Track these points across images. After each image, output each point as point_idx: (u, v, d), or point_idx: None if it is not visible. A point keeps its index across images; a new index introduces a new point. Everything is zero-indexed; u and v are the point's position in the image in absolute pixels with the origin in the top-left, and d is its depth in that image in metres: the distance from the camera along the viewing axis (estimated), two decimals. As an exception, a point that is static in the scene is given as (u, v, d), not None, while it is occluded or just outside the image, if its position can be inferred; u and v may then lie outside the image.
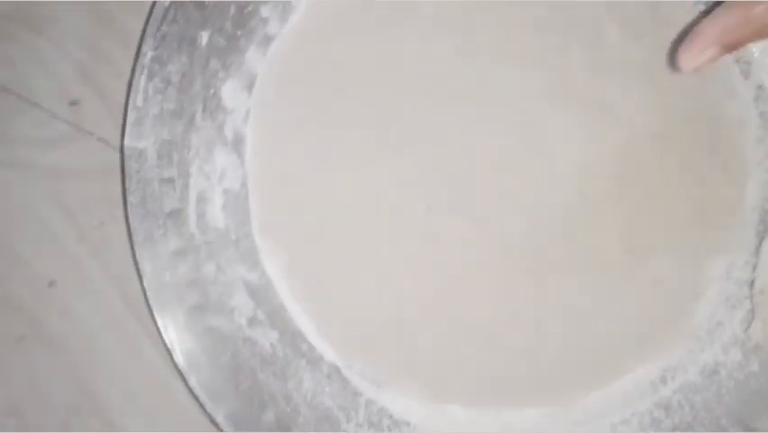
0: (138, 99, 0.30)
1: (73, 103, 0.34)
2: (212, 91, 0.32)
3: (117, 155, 0.33)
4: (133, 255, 0.31)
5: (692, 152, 0.33)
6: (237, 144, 0.33)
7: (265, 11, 0.33)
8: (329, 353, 0.32)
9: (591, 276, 0.33)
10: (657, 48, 0.33)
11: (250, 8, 0.32)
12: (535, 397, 0.33)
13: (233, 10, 0.32)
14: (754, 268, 0.32)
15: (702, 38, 0.29)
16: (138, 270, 0.30)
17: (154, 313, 0.30)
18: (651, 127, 0.33)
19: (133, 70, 0.31)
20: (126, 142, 0.31)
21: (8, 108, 0.34)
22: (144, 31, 0.30)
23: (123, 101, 0.32)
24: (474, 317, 0.32)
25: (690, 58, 0.29)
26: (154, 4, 0.30)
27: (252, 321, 0.32)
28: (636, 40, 0.33)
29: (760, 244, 0.33)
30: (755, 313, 0.32)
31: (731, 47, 0.29)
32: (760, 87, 0.34)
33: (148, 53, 0.30)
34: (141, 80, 0.30)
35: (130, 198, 0.30)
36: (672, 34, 0.33)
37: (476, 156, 0.33)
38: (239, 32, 0.32)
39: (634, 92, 0.33)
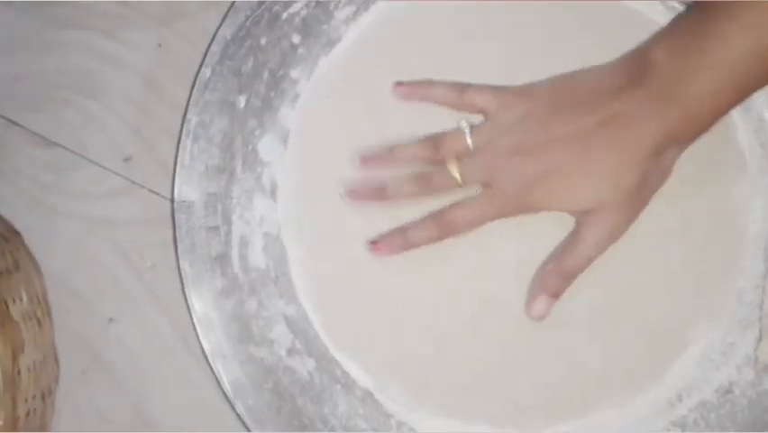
0: (185, 159, 0.34)
1: (127, 159, 0.38)
2: (250, 147, 0.36)
3: (167, 204, 0.37)
4: (184, 295, 0.34)
5: (697, 218, 0.35)
6: (274, 192, 0.36)
7: (295, 73, 0.36)
8: (362, 378, 0.35)
9: (586, 321, 0.34)
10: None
11: (281, 72, 0.36)
12: (554, 418, 0.34)
13: (266, 75, 0.35)
14: (763, 291, 0.34)
15: (533, 291, 0.33)
16: (188, 307, 0.34)
17: (203, 346, 0.33)
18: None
19: (180, 132, 0.34)
20: (176, 197, 0.34)
21: (69, 165, 0.38)
22: (189, 99, 0.34)
23: (171, 157, 0.36)
24: (498, 345, 0.35)
25: (530, 308, 0.33)
26: (198, 73, 0.34)
27: (291, 351, 0.35)
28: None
29: (767, 269, 0.34)
30: (762, 334, 0.33)
31: (555, 294, 0.33)
32: (761, 120, 0.35)
33: (192, 119, 0.34)
34: (187, 143, 0.34)
35: (180, 246, 0.34)
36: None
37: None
38: (272, 94, 0.36)
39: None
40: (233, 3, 0.35)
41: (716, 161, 0.35)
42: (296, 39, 0.36)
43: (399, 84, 0.35)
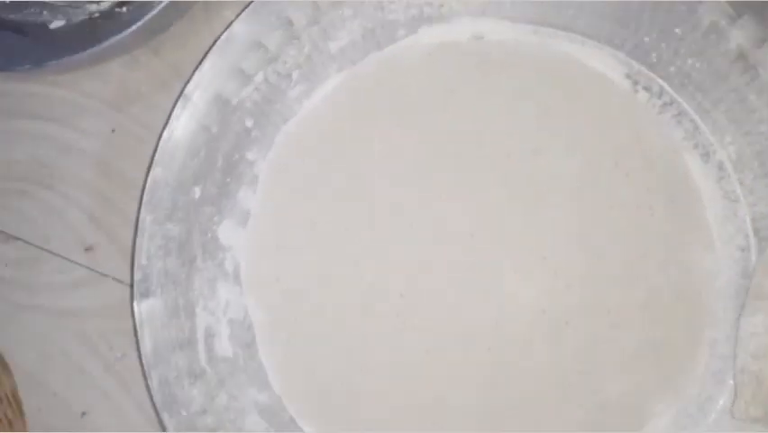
0: (142, 258, 0.33)
1: (88, 249, 0.38)
2: (209, 235, 0.35)
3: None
4: (150, 397, 0.33)
5: (661, 293, 0.34)
6: (237, 276, 0.35)
7: (251, 155, 0.36)
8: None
9: (542, 386, 0.34)
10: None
11: (236, 156, 0.35)
12: None
13: (220, 161, 0.35)
14: (736, 342, 0.34)
15: None
16: (156, 409, 0.33)
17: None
18: (622, 256, 0.35)
19: (136, 229, 0.34)
20: (135, 301, 0.33)
21: (30, 259, 0.38)
22: (141, 199, 0.33)
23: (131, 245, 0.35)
24: (461, 410, 0.34)
25: None
26: (148, 173, 0.33)
27: (266, 440, 0.34)
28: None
29: (738, 318, 0.34)
30: (737, 392, 0.33)
31: None
32: (721, 168, 0.35)
33: (146, 218, 0.33)
34: (143, 243, 0.33)
35: (143, 350, 0.33)
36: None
37: (449, 251, 0.35)
38: (228, 179, 0.35)
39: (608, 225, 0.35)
40: (184, 94, 0.34)
41: (681, 234, 0.35)
42: (249, 122, 0.36)
43: None
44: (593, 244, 0.35)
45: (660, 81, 0.35)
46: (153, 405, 0.33)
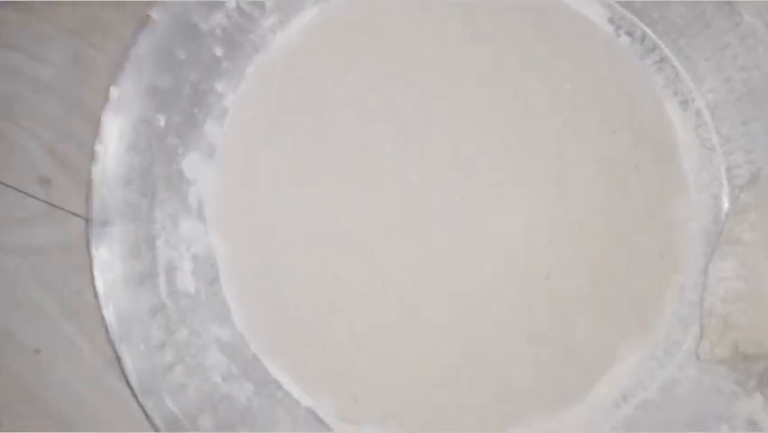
0: (101, 185, 0.32)
1: (44, 181, 0.36)
2: (173, 167, 0.34)
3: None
4: (107, 332, 0.32)
5: (634, 242, 0.34)
6: (201, 212, 0.34)
7: (219, 86, 0.34)
8: (304, 398, 0.34)
9: (514, 330, 0.34)
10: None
11: (205, 86, 0.34)
12: (490, 430, 0.34)
13: (187, 90, 0.33)
14: (704, 287, 0.34)
15: None
16: (113, 344, 0.32)
17: (130, 382, 0.32)
18: (605, 212, 0.34)
19: (94, 151, 0.32)
20: (94, 228, 0.32)
21: (-17, 192, 0.36)
22: (101, 116, 0.32)
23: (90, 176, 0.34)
24: (431, 360, 0.34)
25: None
26: (108, 91, 0.32)
27: (227, 377, 0.33)
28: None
29: (707, 265, 0.34)
30: (703, 334, 0.33)
31: None
32: (699, 115, 0.35)
33: (106, 146, 0.32)
34: (101, 172, 0.32)
35: (99, 282, 0.32)
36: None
37: (430, 203, 0.34)
38: (196, 110, 0.34)
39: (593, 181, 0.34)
40: (148, 15, 0.33)
41: (659, 183, 0.35)
42: (218, 51, 0.34)
43: None
44: (576, 200, 0.35)
45: (643, 26, 0.35)
46: (109, 339, 0.32)
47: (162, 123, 0.33)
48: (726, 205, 0.35)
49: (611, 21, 0.35)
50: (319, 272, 0.34)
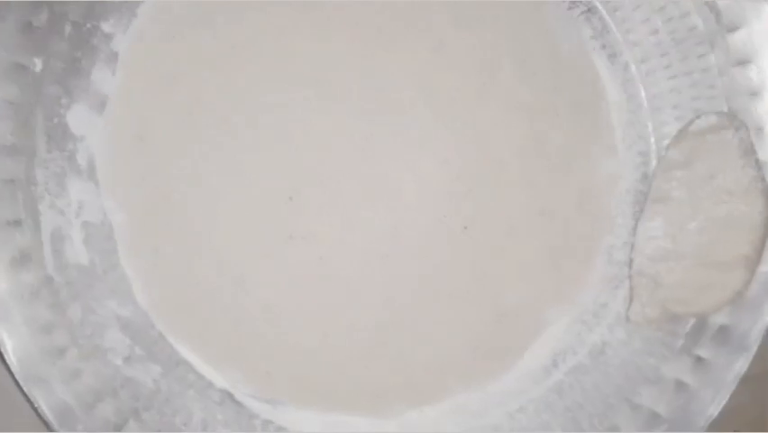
0: (-36, 140, 0.27)
1: None
2: (56, 120, 0.30)
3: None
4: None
5: (559, 200, 0.33)
6: (93, 172, 0.30)
7: (107, 26, 0.30)
8: (218, 379, 0.31)
9: (438, 296, 0.33)
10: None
11: (88, 25, 0.30)
12: (414, 402, 0.32)
13: (68, 30, 0.29)
14: (632, 248, 0.33)
15: None
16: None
17: (11, 369, 0.28)
18: (524, 161, 0.33)
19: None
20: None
21: None
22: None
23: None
24: (351, 329, 0.32)
25: None
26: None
27: (130, 359, 0.30)
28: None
29: (636, 225, 0.33)
30: (633, 295, 0.33)
31: None
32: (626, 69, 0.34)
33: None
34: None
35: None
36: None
37: (343, 151, 0.32)
38: (79, 53, 0.30)
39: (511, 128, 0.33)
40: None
41: (585, 138, 0.34)
42: (103, -16, 0.30)
43: None
44: (495, 147, 0.33)
45: (571, -25, 0.33)
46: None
47: (39, 67, 0.29)
48: (653, 162, 0.34)
49: (568, -2, 0.34)
50: (226, 239, 0.31)
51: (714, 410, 0.31)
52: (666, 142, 0.34)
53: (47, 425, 0.28)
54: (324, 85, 0.32)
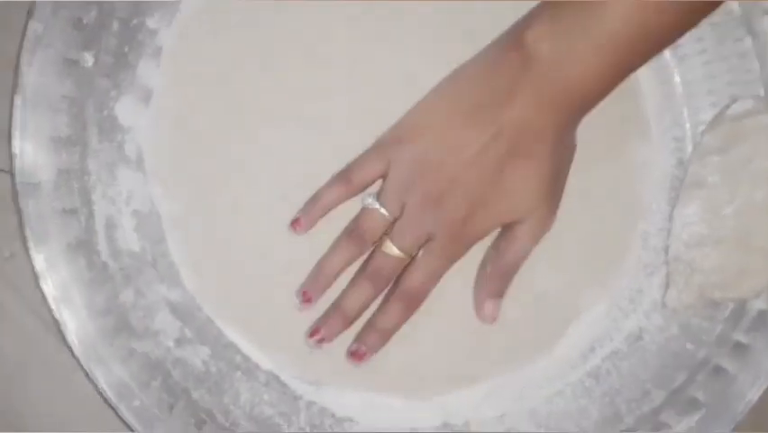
0: (24, 132, 0.29)
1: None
2: (105, 112, 0.31)
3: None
4: (44, 298, 0.29)
5: (595, 187, 0.33)
6: (141, 162, 0.31)
7: (152, 22, 0.31)
8: (264, 361, 0.32)
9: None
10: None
11: (135, 21, 0.31)
12: (457, 384, 0.33)
13: (116, 26, 0.30)
14: (668, 235, 0.33)
15: (478, 297, 0.32)
16: (49, 306, 0.29)
17: (72, 349, 0.29)
18: None
19: (12, 99, 0.29)
20: (18, 178, 0.29)
21: None
22: (19, 57, 0.28)
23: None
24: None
25: (480, 314, 0.32)
26: (26, 27, 0.28)
27: (180, 341, 0.31)
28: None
29: (671, 211, 0.33)
30: (670, 281, 0.33)
31: (500, 294, 0.32)
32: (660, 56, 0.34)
33: (27, 84, 0.28)
34: (24, 113, 0.28)
35: (30, 239, 0.29)
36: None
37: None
38: (126, 48, 0.31)
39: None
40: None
41: (620, 125, 0.34)
42: (149, -20, 0.31)
43: (295, 222, 0.31)
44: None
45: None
46: (48, 307, 0.29)
47: (90, 62, 0.30)
48: (689, 148, 0.34)
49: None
50: (270, 226, 0.32)
51: (753, 396, 0.31)
52: (702, 127, 0.34)
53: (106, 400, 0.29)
54: (363, 81, 0.32)
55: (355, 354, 0.31)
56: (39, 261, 0.29)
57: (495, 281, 0.32)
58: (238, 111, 0.32)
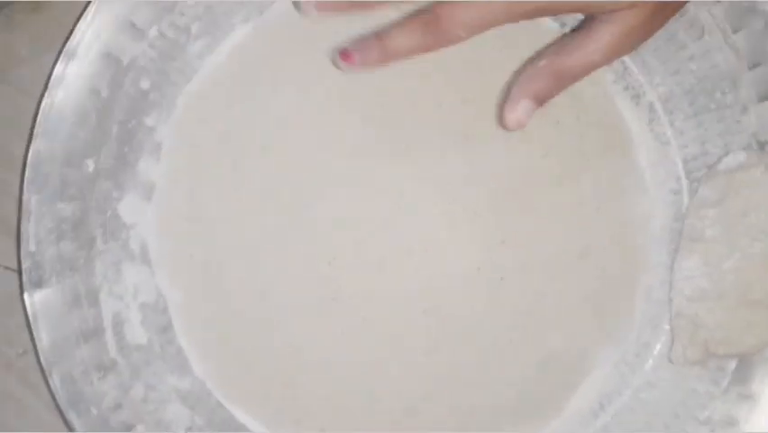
0: (30, 244, 0.30)
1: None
2: (109, 213, 0.32)
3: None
4: (53, 397, 0.30)
5: (595, 243, 0.34)
6: (146, 255, 0.32)
7: (149, 120, 0.32)
8: (276, 442, 0.32)
9: (482, 347, 0.33)
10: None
11: (133, 122, 0.32)
12: None
13: (115, 129, 0.31)
14: (670, 287, 0.33)
15: (516, 92, 0.28)
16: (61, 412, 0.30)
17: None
18: (556, 207, 0.34)
19: (20, 212, 0.30)
20: (26, 293, 0.30)
21: None
22: (23, 176, 0.29)
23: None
24: (403, 378, 0.33)
25: (508, 112, 0.28)
26: (29, 140, 0.29)
27: (191, 429, 0.32)
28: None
29: (672, 263, 0.33)
30: (674, 337, 0.33)
31: (542, 100, 0.28)
32: (651, 110, 0.34)
33: (31, 198, 0.29)
34: (29, 227, 0.30)
35: (40, 346, 0.30)
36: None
37: (377, 210, 0.33)
38: (126, 149, 0.32)
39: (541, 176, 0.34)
40: (65, 47, 0.30)
41: (615, 180, 0.34)
42: (145, 84, 0.32)
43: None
44: (526, 195, 0.34)
45: (588, 22, 0.34)
46: (57, 405, 0.30)
47: (91, 168, 0.31)
48: (686, 200, 0.34)
49: (555, 17, 0.34)
50: (274, 306, 0.32)
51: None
52: (696, 177, 0.34)
53: None
54: (366, 157, 0.33)
55: (343, 54, 0.27)
56: (46, 359, 0.30)
57: (544, 80, 0.27)
58: (239, 198, 0.33)
